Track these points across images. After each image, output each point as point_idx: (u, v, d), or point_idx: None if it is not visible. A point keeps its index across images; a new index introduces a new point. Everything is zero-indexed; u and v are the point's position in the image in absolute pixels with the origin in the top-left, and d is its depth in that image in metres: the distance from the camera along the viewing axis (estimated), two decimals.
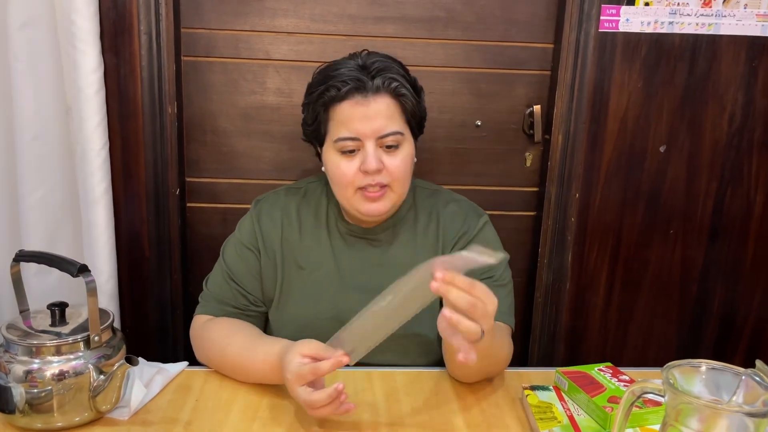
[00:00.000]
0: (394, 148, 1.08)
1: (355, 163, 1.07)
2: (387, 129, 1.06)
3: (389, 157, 1.07)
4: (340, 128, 1.07)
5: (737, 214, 1.68)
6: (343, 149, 1.08)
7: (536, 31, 1.61)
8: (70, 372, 0.89)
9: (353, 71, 1.08)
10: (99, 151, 1.47)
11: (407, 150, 1.10)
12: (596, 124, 1.61)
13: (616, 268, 1.71)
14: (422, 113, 1.16)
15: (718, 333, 1.77)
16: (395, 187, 1.09)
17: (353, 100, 1.06)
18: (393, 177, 1.08)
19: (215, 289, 1.18)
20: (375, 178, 1.06)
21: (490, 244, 1.15)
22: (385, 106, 1.07)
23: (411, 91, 1.11)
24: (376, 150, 1.06)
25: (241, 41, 1.57)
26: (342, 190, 1.10)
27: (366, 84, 1.06)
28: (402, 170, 1.08)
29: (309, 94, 1.15)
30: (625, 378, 1.00)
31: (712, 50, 1.58)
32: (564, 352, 1.76)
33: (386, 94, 1.07)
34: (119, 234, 1.57)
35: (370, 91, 1.06)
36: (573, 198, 1.64)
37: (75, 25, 1.40)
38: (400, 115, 1.09)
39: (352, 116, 1.06)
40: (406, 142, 1.10)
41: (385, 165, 1.06)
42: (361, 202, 1.09)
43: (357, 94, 1.06)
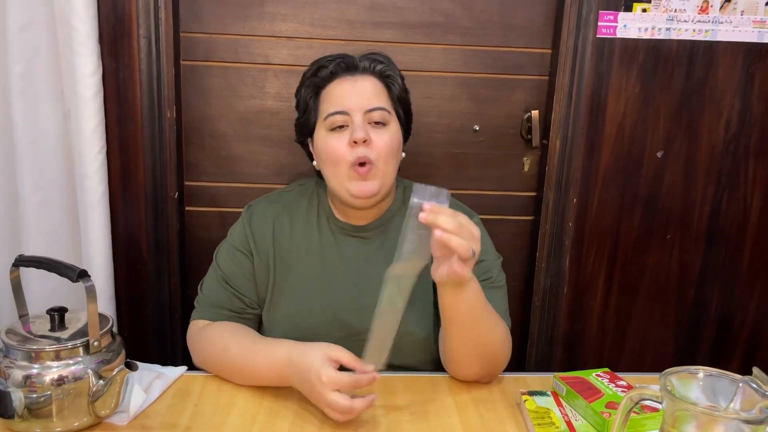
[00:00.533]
0: (381, 125, 1.11)
1: (344, 138, 1.10)
2: (374, 104, 1.11)
3: (376, 133, 1.10)
4: (329, 105, 1.12)
5: (734, 219, 1.69)
6: (332, 125, 1.11)
7: (534, 37, 1.62)
8: (70, 377, 0.89)
9: (341, 54, 1.15)
10: (96, 155, 1.48)
11: (394, 129, 1.13)
12: (594, 130, 1.62)
13: (613, 273, 1.71)
14: (408, 105, 1.19)
15: (715, 337, 1.77)
16: (380, 164, 1.10)
17: (341, 78, 1.12)
18: (378, 153, 1.09)
19: (211, 293, 1.18)
20: (363, 150, 1.08)
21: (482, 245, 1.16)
22: (372, 84, 1.12)
23: (398, 75, 1.16)
24: (364, 123, 1.10)
25: (240, 46, 1.58)
26: (334, 168, 1.11)
27: (354, 62, 1.13)
28: (388, 147, 1.10)
29: (300, 86, 1.19)
30: (623, 384, 1.00)
31: (709, 56, 1.59)
32: (561, 357, 1.76)
33: (373, 75, 1.13)
34: (117, 237, 1.57)
35: (358, 70, 1.13)
36: (571, 203, 1.65)
37: (74, 29, 1.40)
38: (388, 97, 1.14)
39: (340, 91, 1.11)
40: (393, 123, 1.13)
41: (372, 140, 1.09)
42: (352, 183, 1.10)
43: (345, 73, 1.12)
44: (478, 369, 1.08)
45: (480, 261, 1.14)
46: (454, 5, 1.59)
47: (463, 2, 1.59)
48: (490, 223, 1.33)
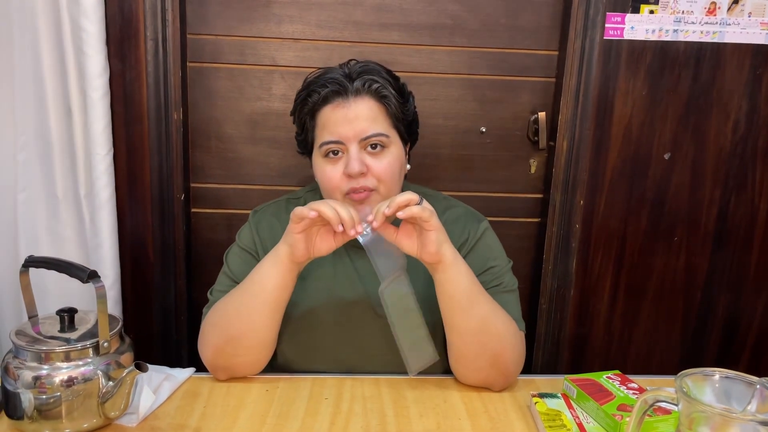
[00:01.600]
0: (379, 149, 1.07)
1: (339, 167, 1.06)
2: (369, 131, 1.05)
3: (374, 160, 1.06)
4: (324, 133, 1.07)
5: (741, 221, 1.69)
6: (327, 153, 1.07)
7: (541, 39, 1.62)
8: (79, 378, 0.88)
9: (336, 75, 1.08)
10: (104, 156, 1.48)
11: (394, 152, 1.09)
12: (601, 131, 1.61)
13: (620, 275, 1.71)
14: (410, 117, 1.14)
15: (722, 340, 1.77)
16: (382, 189, 1.07)
17: (334, 104, 1.07)
18: (379, 179, 1.06)
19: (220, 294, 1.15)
20: (360, 181, 1.05)
21: (492, 250, 1.17)
22: (368, 108, 1.07)
23: (395, 94, 1.10)
24: (359, 153, 1.05)
25: (247, 47, 1.58)
26: (329, 196, 1.10)
27: (346, 87, 1.06)
28: (388, 173, 1.07)
29: (294, 103, 1.15)
30: (634, 386, 1.00)
31: (716, 58, 1.59)
32: (568, 359, 1.76)
33: (367, 96, 1.07)
34: (124, 239, 1.57)
35: (351, 93, 1.06)
36: (577, 204, 1.65)
37: (83, 30, 1.41)
38: (385, 118, 1.08)
39: (334, 120, 1.06)
40: (393, 145, 1.09)
41: (370, 167, 1.05)
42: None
43: (337, 97, 1.06)
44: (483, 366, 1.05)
45: (491, 267, 1.14)
46: (460, 7, 1.59)
47: (470, 4, 1.59)
48: (497, 225, 1.32)
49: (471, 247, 1.16)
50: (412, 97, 1.17)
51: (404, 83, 1.16)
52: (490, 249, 1.17)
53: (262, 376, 1.11)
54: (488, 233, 1.19)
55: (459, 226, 1.18)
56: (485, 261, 1.14)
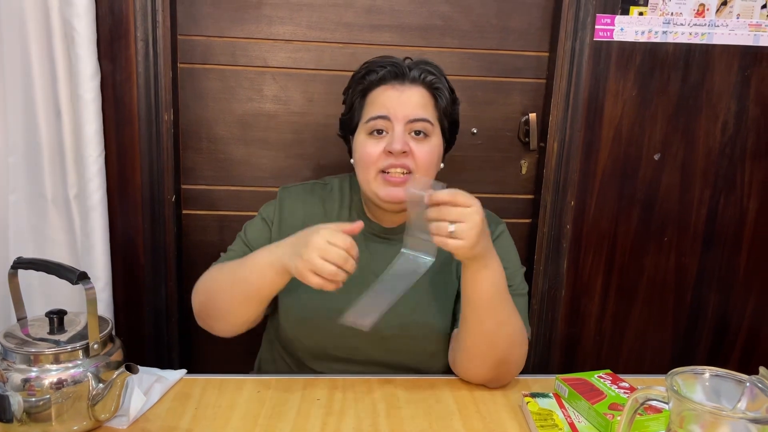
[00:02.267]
0: (422, 135, 1.10)
1: (381, 144, 1.09)
2: (417, 114, 1.09)
3: (417, 144, 1.09)
4: (372, 108, 1.11)
5: (731, 221, 1.70)
6: (372, 129, 1.10)
7: (532, 40, 1.62)
8: (69, 380, 0.88)
9: (394, 60, 1.13)
10: (96, 158, 1.47)
11: (435, 142, 1.12)
12: (591, 132, 1.62)
13: (611, 275, 1.72)
14: (455, 116, 1.18)
15: (713, 340, 1.78)
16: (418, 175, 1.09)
17: (389, 85, 1.11)
18: (418, 164, 1.08)
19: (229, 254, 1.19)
20: (400, 159, 1.07)
21: (507, 253, 1.18)
22: (420, 95, 1.11)
23: (447, 91, 1.14)
24: (404, 134, 1.08)
25: (237, 48, 1.57)
26: (364, 172, 1.11)
27: (404, 71, 1.11)
28: (427, 159, 1.10)
29: (350, 80, 1.18)
30: (625, 385, 1.00)
31: (705, 59, 1.60)
32: (560, 360, 1.76)
33: (422, 86, 1.11)
34: (115, 241, 1.56)
35: (407, 79, 1.11)
36: (568, 205, 1.65)
37: (75, 31, 1.40)
38: (433, 109, 1.12)
39: (386, 98, 1.10)
40: (435, 135, 1.12)
41: (412, 150, 1.08)
42: (381, 186, 1.10)
43: (393, 79, 1.11)
44: (489, 367, 1.06)
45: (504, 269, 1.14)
46: (451, 8, 1.59)
47: (461, 5, 1.59)
48: None
49: None
50: (459, 103, 1.20)
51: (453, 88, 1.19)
52: (504, 251, 1.17)
53: (253, 377, 1.10)
54: (504, 236, 1.21)
55: None
56: None
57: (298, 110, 1.61)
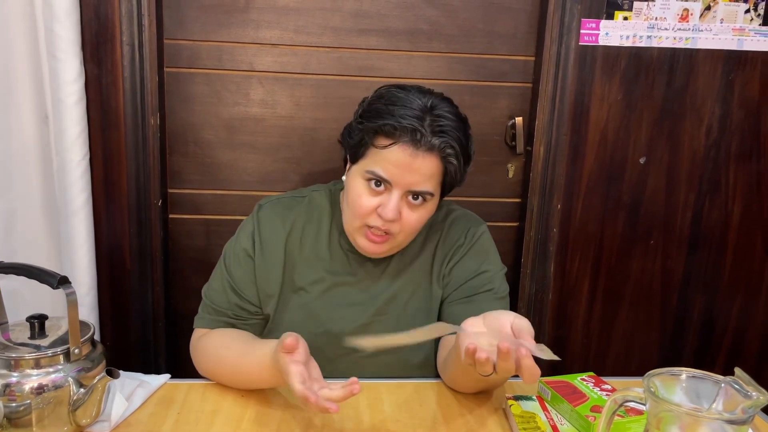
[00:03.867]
0: (420, 202, 1.06)
1: (375, 201, 1.05)
2: (420, 187, 1.04)
3: (409, 211, 1.06)
4: (377, 164, 1.04)
5: (715, 224, 1.71)
6: (371, 179, 1.05)
7: (518, 44, 1.63)
8: (50, 385, 0.87)
9: (417, 116, 1.02)
10: (79, 162, 1.46)
11: (429, 207, 1.09)
12: (577, 136, 1.63)
13: (597, 278, 1.73)
14: (463, 181, 1.11)
15: (699, 342, 1.79)
16: (399, 237, 1.08)
17: (404, 146, 1.02)
18: (403, 228, 1.07)
19: (214, 298, 1.16)
20: (385, 224, 1.05)
21: (488, 254, 1.18)
22: (431, 166, 1.03)
23: (461, 161, 1.06)
24: (399, 201, 1.04)
25: (224, 52, 1.57)
26: (351, 218, 1.09)
27: (423, 139, 1.01)
28: (415, 226, 1.08)
29: (364, 115, 1.08)
30: (608, 387, 1.00)
31: (689, 64, 1.61)
32: (547, 363, 1.75)
33: (436, 156, 1.03)
34: (100, 246, 1.55)
35: (424, 147, 1.01)
36: (555, 209, 1.66)
37: (55, 35, 1.39)
38: (440, 178, 1.06)
39: (395, 161, 1.02)
40: (432, 202, 1.08)
41: (402, 217, 1.05)
42: (361, 238, 1.08)
43: (410, 144, 1.01)
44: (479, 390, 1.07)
45: (484, 271, 1.15)
46: (438, 13, 1.60)
47: (447, 10, 1.60)
48: None
49: (467, 250, 1.17)
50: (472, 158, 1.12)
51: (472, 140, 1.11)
52: (485, 252, 1.18)
53: None
54: (485, 236, 1.20)
55: (458, 227, 1.19)
56: (479, 264, 1.15)
57: (285, 114, 1.61)
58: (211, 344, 1.11)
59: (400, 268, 1.18)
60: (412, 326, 1.13)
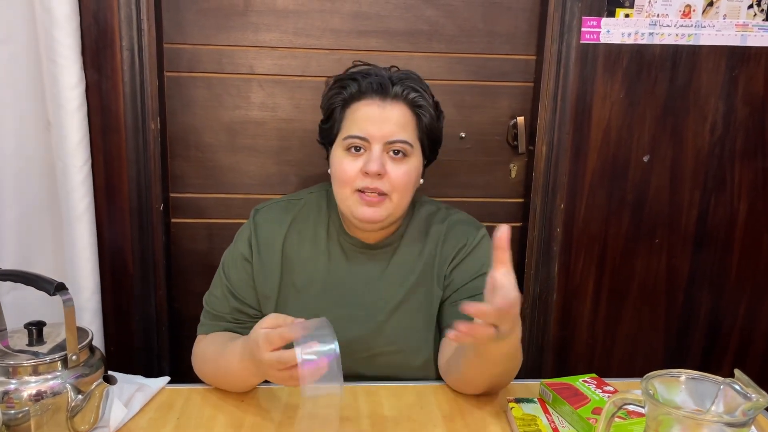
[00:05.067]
0: (401, 156, 1.08)
1: (358, 163, 1.07)
2: (396, 136, 1.07)
3: (394, 165, 1.07)
4: (352, 126, 1.08)
5: (721, 222, 1.69)
6: (350, 146, 1.08)
7: (519, 43, 1.62)
8: (48, 392, 0.87)
9: (380, 74, 1.11)
10: (81, 167, 1.46)
11: (413, 163, 1.10)
12: (579, 135, 1.62)
13: (602, 278, 1.71)
14: (437, 133, 1.16)
15: (705, 342, 1.77)
16: (394, 197, 1.08)
17: (370, 100, 1.08)
18: (393, 186, 1.07)
19: (214, 304, 1.17)
20: (375, 182, 1.06)
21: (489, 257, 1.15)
22: (401, 114, 1.08)
23: (430, 108, 1.12)
24: (382, 154, 1.06)
25: (224, 56, 1.57)
26: (341, 189, 1.10)
27: (386, 88, 1.08)
28: (404, 181, 1.08)
29: (328, 89, 1.15)
30: (610, 389, 0.99)
31: (692, 60, 1.59)
32: (552, 364, 1.75)
33: (404, 104, 1.09)
34: (102, 250, 1.55)
35: (389, 96, 1.08)
36: (558, 208, 1.64)
37: (56, 41, 1.39)
38: (414, 128, 1.10)
39: (366, 116, 1.07)
40: (414, 156, 1.10)
41: (388, 172, 1.06)
42: (357, 205, 1.08)
43: (375, 95, 1.08)
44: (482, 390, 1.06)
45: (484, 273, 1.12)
46: (438, 13, 1.59)
47: (447, 10, 1.59)
48: None
49: (468, 253, 1.17)
50: (443, 117, 1.19)
51: (438, 101, 1.17)
52: (484, 256, 1.16)
53: None
54: (485, 240, 1.19)
55: (458, 231, 1.19)
56: (480, 266, 1.15)
57: (285, 117, 1.61)
58: (203, 348, 1.13)
59: (400, 268, 1.17)
60: (412, 327, 1.14)
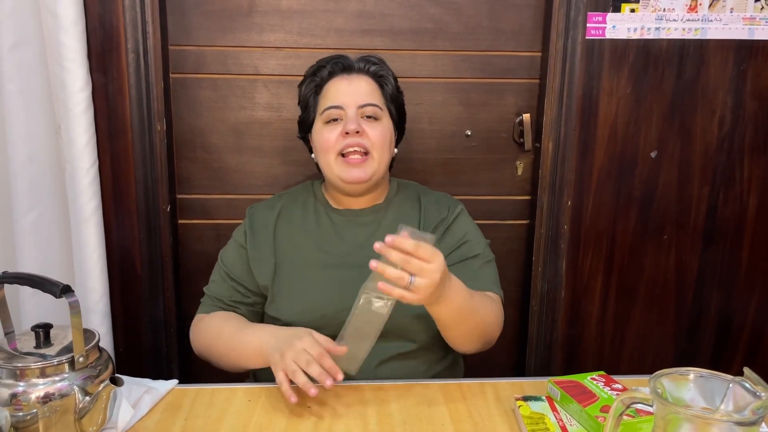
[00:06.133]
0: (373, 119, 1.21)
1: (338, 129, 1.19)
2: (366, 100, 1.21)
3: (369, 126, 1.20)
4: (327, 101, 1.22)
5: (731, 218, 1.67)
6: (328, 118, 1.21)
7: (524, 40, 1.61)
8: (56, 394, 0.88)
9: (340, 55, 1.27)
10: (88, 170, 1.47)
11: (386, 125, 1.23)
12: (586, 131, 1.61)
13: (610, 276, 1.70)
14: (400, 103, 1.29)
15: (716, 339, 1.75)
16: (374, 154, 1.19)
17: (338, 77, 1.23)
18: (372, 143, 1.19)
19: (213, 289, 1.27)
20: (356, 139, 1.17)
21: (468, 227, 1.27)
22: (366, 83, 1.23)
23: (391, 79, 1.26)
24: (357, 117, 1.19)
25: (229, 57, 1.57)
26: (325, 156, 1.21)
27: (351, 65, 1.24)
28: (380, 139, 1.20)
29: (302, 83, 1.28)
30: (618, 387, 0.99)
31: (699, 55, 1.58)
32: (561, 362, 1.74)
33: (367, 75, 1.24)
34: (111, 252, 1.56)
35: (354, 70, 1.24)
36: (565, 205, 1.64)
37: (62, 45, 1.40)
38: (380, 96, 1.24)
39: (337, 89, 1.22)
40: (385, 119, 1.24)
41: (365, 131, 1.19)
42: (343, 168, 1.19)
43: (342, 72, 1.23)
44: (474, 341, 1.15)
45: (466, 241, 1.24)
46: (442, 11, 1.58)
47: (452, 7, 1.58)
48: (485, 228, 1.33)
49: (447, 226, 1.26)
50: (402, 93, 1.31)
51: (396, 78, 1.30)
52: (466, 228, 1.27)
53: (244, 387, 1.10)
54: (464, 214, 1.29)
55: (440, 206, 1.28)
56: (462, 236, 1.25)
57: (290, 117, 1.61)
58: (208, 325, 1.22)
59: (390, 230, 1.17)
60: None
